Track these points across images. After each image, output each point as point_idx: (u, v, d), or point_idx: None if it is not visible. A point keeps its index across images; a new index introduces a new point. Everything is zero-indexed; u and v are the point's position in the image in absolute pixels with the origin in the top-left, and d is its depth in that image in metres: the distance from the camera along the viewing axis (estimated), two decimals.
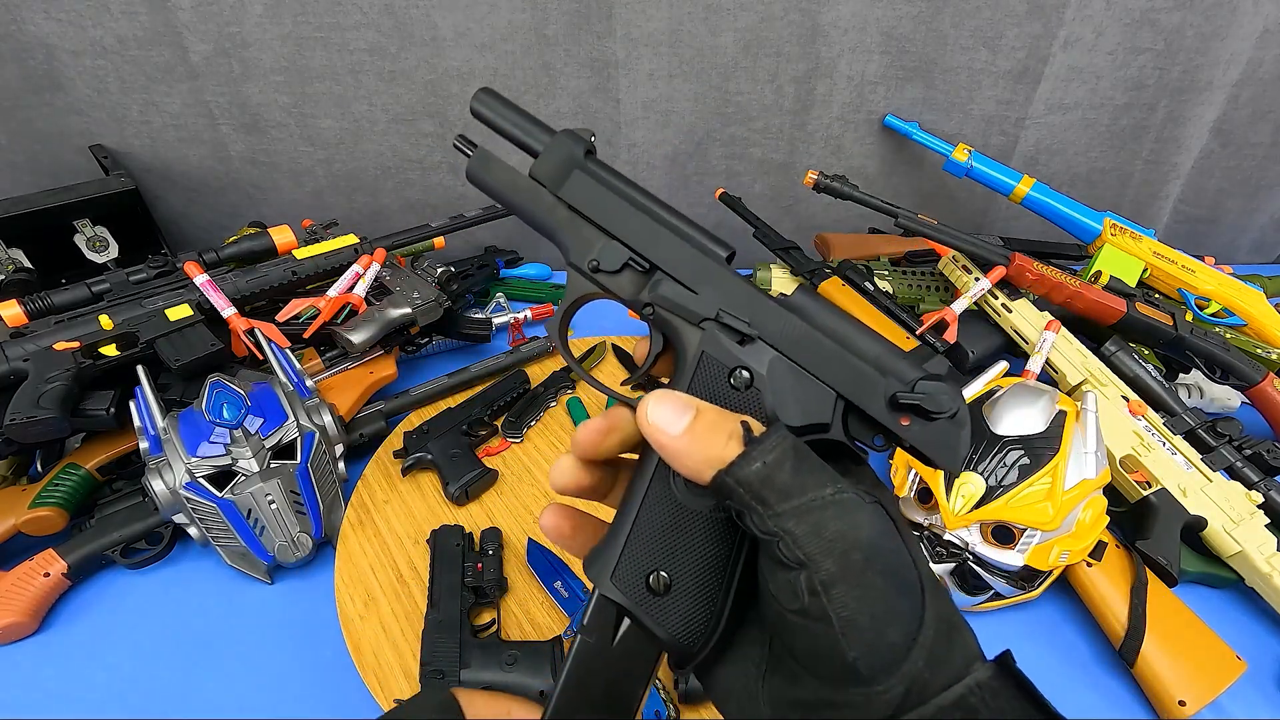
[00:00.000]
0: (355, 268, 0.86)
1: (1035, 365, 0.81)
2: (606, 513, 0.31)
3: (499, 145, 0.36)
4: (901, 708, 0.23)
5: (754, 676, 0.27)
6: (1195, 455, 0.73)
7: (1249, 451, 0.73)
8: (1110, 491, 0.69)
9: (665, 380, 0.33)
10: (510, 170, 0.35)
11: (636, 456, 0.31)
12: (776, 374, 0.30)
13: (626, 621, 0.29)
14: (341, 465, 0.73)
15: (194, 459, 0.64)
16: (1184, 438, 0.74)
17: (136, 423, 0.67)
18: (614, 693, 0.29)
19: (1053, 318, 0.84)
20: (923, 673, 0.23)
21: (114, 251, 0.90)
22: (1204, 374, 0.83)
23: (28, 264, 0.84)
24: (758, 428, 0.27)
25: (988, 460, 0.62)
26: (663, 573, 0.28)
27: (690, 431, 0.26)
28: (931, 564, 0.64)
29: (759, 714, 0.27)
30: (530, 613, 0.64)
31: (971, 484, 0.62)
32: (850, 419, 0.30)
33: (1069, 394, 0.79)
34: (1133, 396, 0.77)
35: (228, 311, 0.76)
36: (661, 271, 0.32)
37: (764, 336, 0.30)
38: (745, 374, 0.30)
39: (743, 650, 0.29)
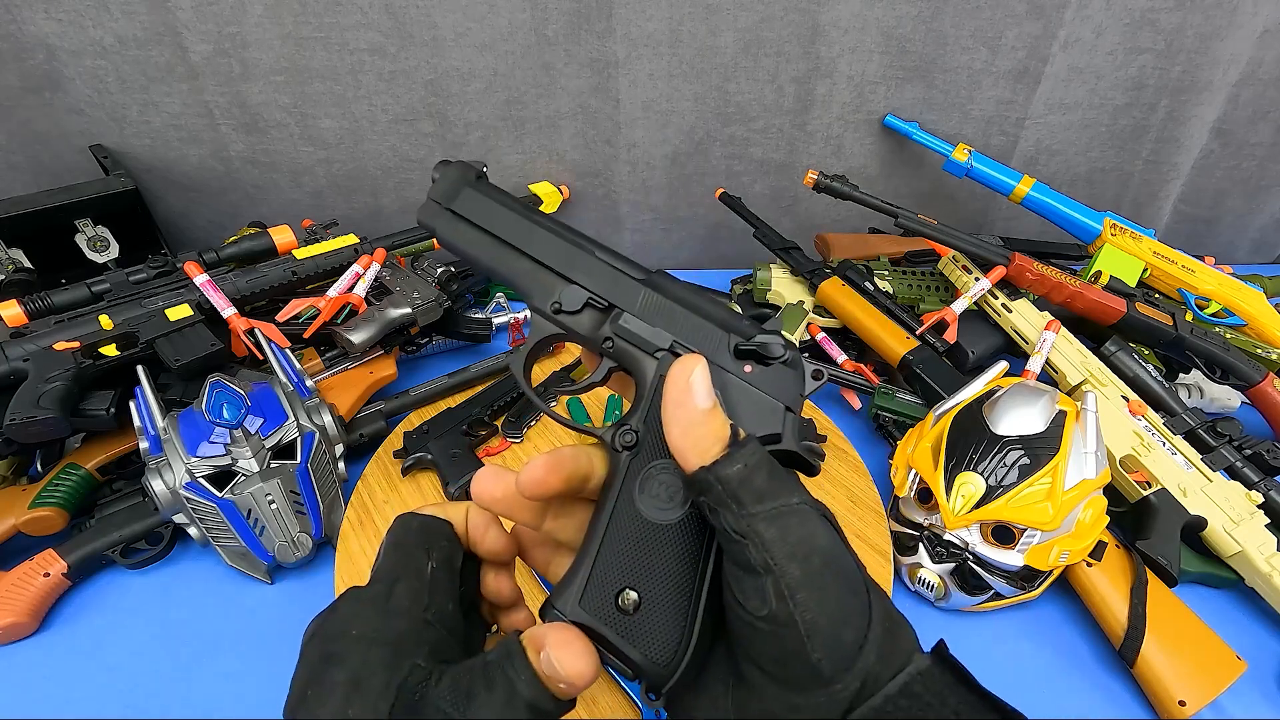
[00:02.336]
0: (355, 268, 0.86)
1: (1035, 365, 0.81)
2: None
3: None
4: (856, 701, 0.24)
5: (721, 694, 0.27)
6: (1195, 455, 0.72)
7: (1249, 451, 0.73)
8: (1110, 491, 0.69)
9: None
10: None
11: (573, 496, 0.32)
12: (730, 391, 0.32)
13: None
14: (341, 465, 0.73)
15: (194, 459, 0.64)
16: (1184, 438, 0.74)
17: (136, 423, 0.67)
18: None
19: (1053, 318, 0.84)
20: (874, 667, 0.24)
21: (115, 251, 0.90)
22: (1204, 374, 0.83)
23: (28, 264, 0.84)
24: (742, 434, 0.28)
25: (988, 460, 0.62)
26: (630, 592, 0.28)
27: (712, 414, 0.28)
28: (931, 564, 0.64)
29: None
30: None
31: (971, 484, 0.62)
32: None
33: (1069, 394, 0.79)
34: (1133, 396, 0.78)
35: (228, 311, 0.76)
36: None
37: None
38: None
39: (711, 672, 0.28)
